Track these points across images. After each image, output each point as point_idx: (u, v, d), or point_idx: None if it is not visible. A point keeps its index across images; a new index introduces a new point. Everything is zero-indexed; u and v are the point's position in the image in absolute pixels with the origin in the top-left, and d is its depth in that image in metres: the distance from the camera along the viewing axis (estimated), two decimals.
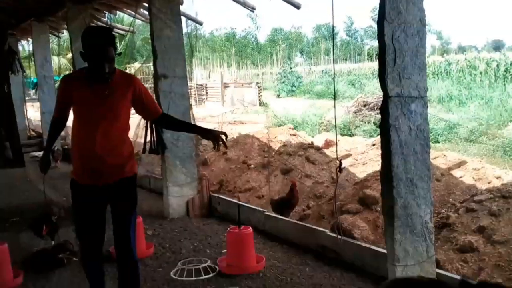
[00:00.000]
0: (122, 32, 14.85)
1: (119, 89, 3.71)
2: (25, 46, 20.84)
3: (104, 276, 4.26)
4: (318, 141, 11.63)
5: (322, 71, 40.15)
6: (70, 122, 3.92)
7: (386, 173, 3.97)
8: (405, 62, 3.87)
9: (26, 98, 17.62)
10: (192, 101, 10.09)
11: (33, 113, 15.50)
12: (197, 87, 31.35)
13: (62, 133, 14.34)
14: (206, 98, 32.34)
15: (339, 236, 5.06)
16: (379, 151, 4.37)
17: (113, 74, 3.66)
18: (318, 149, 9.32)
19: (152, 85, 7.22)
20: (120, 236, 3.82)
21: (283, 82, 34.94)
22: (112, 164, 3.76)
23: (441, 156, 8.05)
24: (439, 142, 14.90)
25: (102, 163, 3.73)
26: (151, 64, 7.39)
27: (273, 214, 6.37)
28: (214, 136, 3.79)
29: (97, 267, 4.12)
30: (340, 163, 4.92)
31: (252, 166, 9.24)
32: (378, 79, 3.95)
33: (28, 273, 5.15)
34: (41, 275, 5.15)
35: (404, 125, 3.91)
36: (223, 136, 3.79)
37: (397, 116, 3.90)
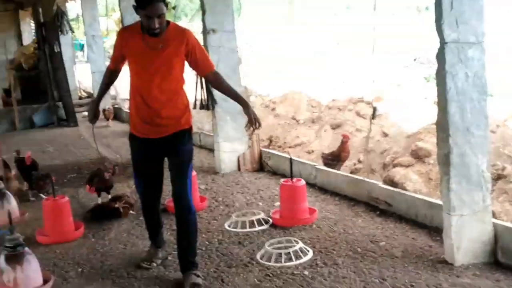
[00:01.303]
0: None
1: (173, 42, 3.74)
2: (73, 7, 21.05)
3: (162, 227, 4.40)
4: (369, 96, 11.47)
5: (373, 27, 39.27)
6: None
7: (442, 122, 3.91)
8: (462, 7, 3.76)
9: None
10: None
11: (80, 75, 15.74)
12: (244, 45, 31.18)
13: (113, 92, 14.68)
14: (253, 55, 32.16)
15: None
16: (431, 104, 4.31)
17: (164, 29, 3.68)
18: (369, 103, 9.21)
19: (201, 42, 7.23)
20: (177, 187, 3.91)
21: (330, 38, 34.41)
22: (168, 117, 3.83)
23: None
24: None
25: (157, 116, 3.82)
26: (195, 22, 7.39)
27: (324, 168, 6.37)
28: (251, 116, 3.85)
29: (156, 218, 4.26)
30: (374, 110, 4.86)
31: (302, 121, 9.22)
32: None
33: (88, 226, 5.33)
34: (101, 227, 5.32)
35: (461, 72, 3.82)
36: (257, 124, 3.87)
37: (453, 63, 3.80)
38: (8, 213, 4.10)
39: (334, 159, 6.79)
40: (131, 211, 5.56)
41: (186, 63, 3.87)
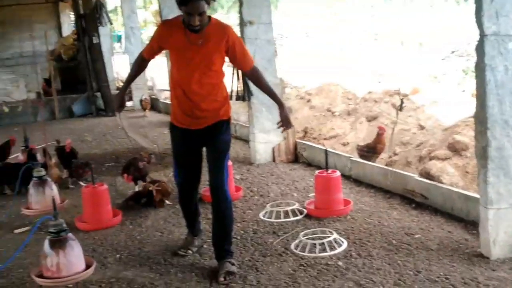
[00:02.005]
0: None
1: (213, 38, 3.79)
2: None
3: (199, 215, 4.47)
4: (406, 88, 11.37)
5: (408, 18, 38.84)
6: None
7: (480, 115, 3.87)
8: None
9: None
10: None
11: (118, 66, 15.97)
12: (280, 37, 31.15)
13: (150, 83, 14.86)
14: (288, 47, 32.10)
15: None
16: (469, 97, 4.27)
17: (205, 25, 3.73)
18: (405, 95, 9.14)
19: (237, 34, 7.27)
20: (214, 177, 3.97)
21: (365, 31, 34.11)
22: (207, 109, 3.90)
23: None
24: None
25: (197, 109, 3.89)
26: (232, 14, 7.44)
27: (359, 160, 6.36)
28: (285, 118, 4.03)
29: (193, 207, 4.34)
30: (402, 102, 4.84)
31: (337, 113, 9.21)
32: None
33: (126, 213, 5.45)
34: (138, 215, 5.43)
35: (500, 65, 3.77)
36: (289, 125, 4.09)
37: (493, 56, 3.76)
38: (52, 199, 4.22)
39: (370, 151, 6.77)
40: (166, 201, 5.64)
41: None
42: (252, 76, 4.05)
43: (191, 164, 4.11)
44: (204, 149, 4.09)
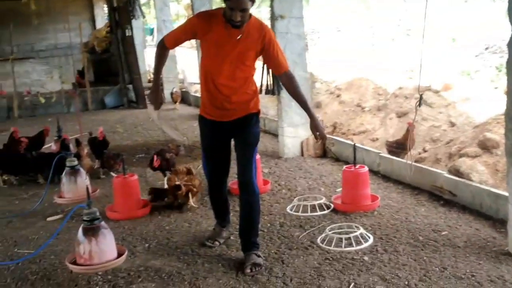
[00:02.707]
0: None
1: (251, 35, 3.82)
2: None
3: (228, 208, 4.50)
4: (437, 84, 11.27)
5: (440, 14, 38.33)
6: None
7: (511, 112, 3.84)
8: None
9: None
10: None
11: (150, 59, 16.13)
12: (310, 32, 31.02)
13: (181, 76, 14.96)
14: (319, 42, 31.98)
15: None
16: (501, 95, 4.23)
17: (246, 22, 3.75)
18: (436, 92, 9.06)
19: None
20: (242, 169, 4.01)
21: (399, 25, 33.77)
22: (237, 102, 3.94)
23: None
24: None
25: (228, 102, 3.93)
26: (263, 8, 7.46)
27: (388, 156, 6.35)
28: (317, 130, 3.97)
29: (222, 199, 4.39)
30: (421, 97, 4.82)
31: (367, 108, 9.17)
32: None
33: (155, 203, 5.54)
34: (168, 205, 5.50)
35: None
36: (324, 138, 4.06)
37: None
38: (86, 188, 4.33)
39: (399, 147, 6.74)
40: (191, 203, 5.34)
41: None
42: (285, 81, 4.00)
43: (219, 156, 4.16)
44: (233, 142, 4.14)
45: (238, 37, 3.77)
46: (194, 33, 3.91)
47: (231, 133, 4.07)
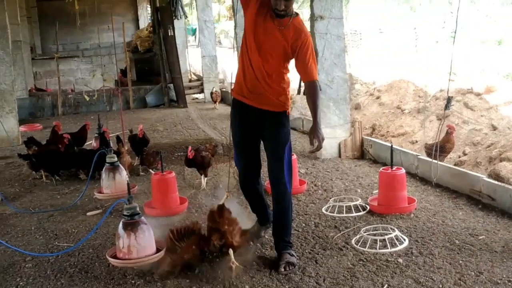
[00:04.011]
0: None
1: (290, 33, 3.87)
2: None
3: (265, 204, 4.49)
4: (479, 87, 11.06)
5: (486, 15, 37.60)
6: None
7: None
8: None
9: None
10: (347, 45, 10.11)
11: (191, 59, 16.32)
12: (351, 33, 30.85)
13: (221, 76, 15.05)
14: (360, 43, 31.78)
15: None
16: None
17: (290, 15, 3.83)
18: (478, 94, 8.91)
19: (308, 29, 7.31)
20: (272, 168, 4.03)
21: (443, 27, 33.28)
22: (265, 89, 3.96)
23: None
24: None
25: (256, 81, 3.97)
26: (305, 8, 7.47)
27: (427, 158, 6.28)
28: (314, 135, 3.85)
29: (256, 196, 4.39)
30: (449, 99, 4.74)
31: (406, 111, 9.08)
32: None
33: (192, 201, 5.61)
34: (204, 203, 5.56)
35: None
36: (317, 144, 3.89)
37: None
38: (127, 184, 4.42)
39: (439, 149, 6.64)
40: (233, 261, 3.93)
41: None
42: (306, 89, 4.04)
43: (248, 151, 4.17)
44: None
45: (282, 27, 3.84)
46: (256, 6, 3.93)
47: (258, 128, 4.06)
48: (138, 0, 17.63)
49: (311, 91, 3.94)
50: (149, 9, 17.85)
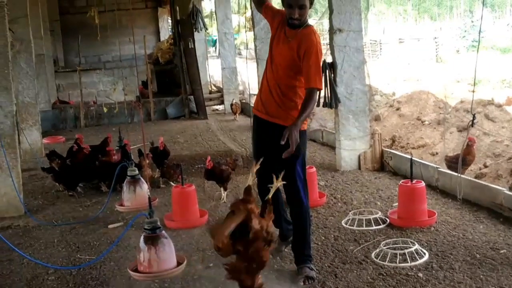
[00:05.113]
0: None
1: (296, 42, 3.90)
2: (207, 4, 21.92)
3: (281, 215, 4.44)
4: (500, 98, 11.00)
5: (508, 24, 37.30)
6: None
7: None
8: None
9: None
10: (366, 57, 10.10)
11: (212, 70, 16.43)
12: (371, 43, 30.82)
13: (241, 87, 15.14)
14: (380, 54, 31.73)
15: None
16: None
17: (303, 24, 3.88)
18: (499, 106, 8.85)
19: (327, 41, 7.35)
20: (287, 182, 4.01)
21: (463, 36, 33.09)
22: (277, 103, 4.01)
23: None
24: None
25: (269, 98, 4.05)
26: (325, 20, 7.51)
27: (447, 171, 6.25)
28: (287, 133, 3.64)
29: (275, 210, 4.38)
30: (474, 117, 4.72)
31: (427, 122, 9.05)
32: None
33: (212, 214, 5.64)
34: (224, 215, 5.57)
35: None
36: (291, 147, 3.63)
37: None
38: (148, 198, 4.48)
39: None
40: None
41: None
42: (305, 95, 3.94)
43: (265, 164, 4.17)
44: None
45: (290, 39, 3.90)
46: (275, 15, 4.12)
47: (271, 142, 3.95)
48: (159, 12, 17.80)
49: (306, 97, 3.87)
50: (169, 21, 18.01)
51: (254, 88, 13.48)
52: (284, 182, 3.42)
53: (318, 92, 3.98)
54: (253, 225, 3.08)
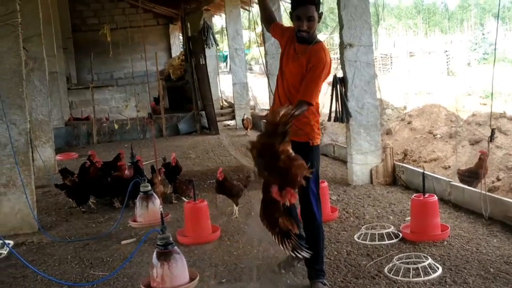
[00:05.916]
0: None
1: (305, 57, 3.91)
2: (218, 20, 22.07)
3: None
4: None
5: None
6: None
7: None
8: None
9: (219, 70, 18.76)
10: (377, 71, 10.12)
11: (223, 85, 16.51)
12: (381, 57, 30.85)
13: (252, 102, 15.21)
14: (391, 68, 31.74)
15: None
16: None
17: (313, 39, 3.89)
18: (511, 119, 8.82)
19: (337, 56, 7.38)
20: (300, 198, 4.04)
21: (474, 49, 33.07)
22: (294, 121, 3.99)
23: None
24: None
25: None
26: (336, 35, 7.56)
27: (459, 184, 6.22)
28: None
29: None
30: (493, 132, 4.70)
31: (438, 136, 9.03)
32: None
33: (224, 229, 5.65)
34: (236, 231, 5.61)
35: None
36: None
37: None
38: (160, 214, 4.50)
39: (471, 176, 6.59)
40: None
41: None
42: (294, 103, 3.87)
43: None
44: None
45: (299, 55, 3.92)
46: (283, 33, 4.14)
47: None
48: (170, 29, 17.97)
49: (296, 104, 3.77)
50: (181, 38, 18.18)
51: (265, 103, 13.54)
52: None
53: (307, 108, 3.91)
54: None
